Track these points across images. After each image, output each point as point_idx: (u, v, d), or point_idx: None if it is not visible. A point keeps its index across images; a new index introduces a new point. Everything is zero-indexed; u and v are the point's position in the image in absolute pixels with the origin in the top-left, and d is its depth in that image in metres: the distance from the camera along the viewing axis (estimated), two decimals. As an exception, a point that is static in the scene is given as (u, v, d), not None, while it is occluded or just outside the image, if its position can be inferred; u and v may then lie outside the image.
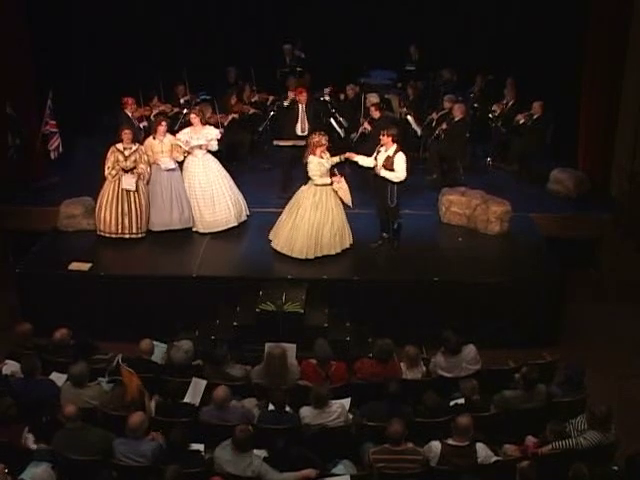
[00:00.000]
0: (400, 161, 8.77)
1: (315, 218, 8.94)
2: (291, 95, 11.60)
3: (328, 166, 8.93)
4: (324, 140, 8.89)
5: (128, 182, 9.29)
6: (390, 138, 8.83)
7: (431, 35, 13.15)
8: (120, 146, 9.33)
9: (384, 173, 8.82)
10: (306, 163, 8.97)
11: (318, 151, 8.86)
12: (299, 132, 10.65)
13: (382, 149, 8.91)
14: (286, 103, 11.80)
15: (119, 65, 12.70)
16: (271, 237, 9.33)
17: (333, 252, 9.09)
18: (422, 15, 13.34)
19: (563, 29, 11.77)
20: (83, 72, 13.16)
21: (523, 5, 12.82)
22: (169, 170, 9.50)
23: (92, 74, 13.00)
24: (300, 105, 10.74)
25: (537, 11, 12.45)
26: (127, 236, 9.39)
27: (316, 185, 8.94)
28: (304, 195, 9.04)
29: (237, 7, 13.66)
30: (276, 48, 13.61)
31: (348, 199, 9.03)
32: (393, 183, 8.83)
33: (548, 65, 12.05)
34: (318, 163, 8.86)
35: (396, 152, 8.81)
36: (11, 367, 6.87)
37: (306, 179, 9.07)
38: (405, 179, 8.85)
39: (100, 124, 12.26)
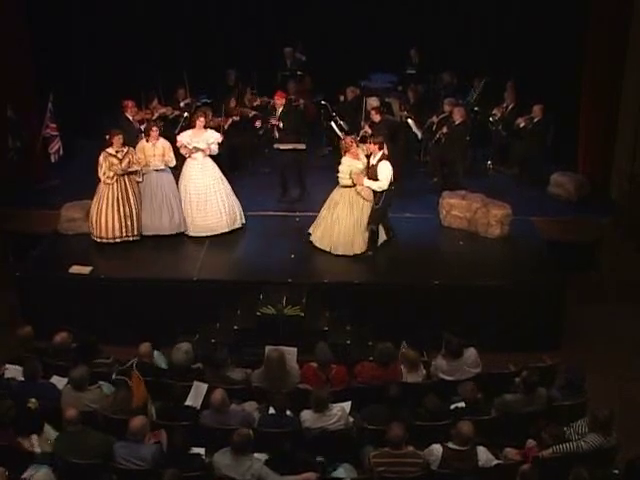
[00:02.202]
0: (383, 169, 8.76)
1: (353, 217, 9.01)
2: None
3: (362, 167, 8.94)
4: (349, 143, 8.98)
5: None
6: (377, 146, 8.84)
7: (431, 38, 13.11)
8: (111, 150, 9.28)
9: (368, 183, 8.83)
10: (339, 163, 9.08)
11: (350, 154, 8.93)
12: (276, 135, 10.66)
13: (371, 156, 8.94)
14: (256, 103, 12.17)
15: (119, 66, 12.68)
16: (311, 231, 9.37)
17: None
18: (422, 18, 13.32)
19: (563, 29, 11.75)
20: (83, 73, 13.13)
21: (523, 6, 12.80)
22: (158, 171, 9.47)
23: (92, 75, 12.97)
24: (278, 109, 10.72)
25: (537, 11, 12.43)
26: (131, 239, 9.37)
27: (342, 186, 9.01)
28: (341, 195, 9.10)
29: (237, 8, 13.62)
30: (276, 50, 13.59)
31: (370, 199, 9.02)
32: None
33: (548, 66, 12.03)
34: (348, 165, 8.93)
35: (380, 160, 8.80)
36: (12, 371, 6.86)
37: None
38: (390, 187, 8.83)
39: (100, 126, 12.20)
